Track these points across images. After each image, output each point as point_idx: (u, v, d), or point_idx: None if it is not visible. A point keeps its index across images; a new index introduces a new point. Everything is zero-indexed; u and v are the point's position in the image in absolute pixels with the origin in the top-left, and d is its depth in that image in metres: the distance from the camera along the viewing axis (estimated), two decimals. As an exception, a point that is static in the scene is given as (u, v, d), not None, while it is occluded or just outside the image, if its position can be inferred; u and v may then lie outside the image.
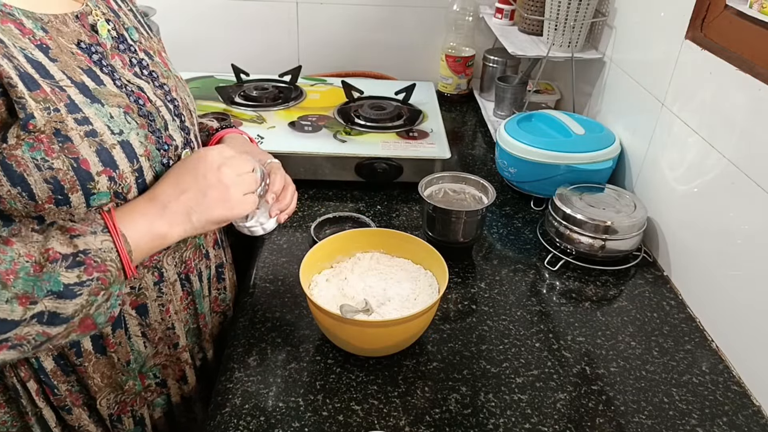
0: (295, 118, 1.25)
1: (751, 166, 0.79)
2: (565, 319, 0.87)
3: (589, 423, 0.71)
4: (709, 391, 0.77)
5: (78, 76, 0.61)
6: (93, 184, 0.60)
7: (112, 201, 0.63)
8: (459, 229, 0.96)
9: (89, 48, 0.65)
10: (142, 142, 0.65)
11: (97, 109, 0.61)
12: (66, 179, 0.58)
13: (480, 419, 0.70)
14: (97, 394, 0.72)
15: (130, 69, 0.69)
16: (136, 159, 0.64)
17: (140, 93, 0.68)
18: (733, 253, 0.82)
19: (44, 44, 0.60)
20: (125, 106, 0.64)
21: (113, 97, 0.64)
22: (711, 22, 0.92)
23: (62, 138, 0.58)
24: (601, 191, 1.06)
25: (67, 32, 0.63)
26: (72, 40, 0.63)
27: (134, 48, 0.71)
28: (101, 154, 0.60)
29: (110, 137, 0.61)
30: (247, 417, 0.70)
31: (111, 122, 0.62)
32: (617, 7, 1.23)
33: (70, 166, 0.58)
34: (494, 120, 1.44)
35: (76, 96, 0.60)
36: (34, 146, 0.56)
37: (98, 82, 0.63)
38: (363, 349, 0.77)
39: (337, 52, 1.63)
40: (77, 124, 0.59)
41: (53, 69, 0.59)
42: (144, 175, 0.66)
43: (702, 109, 0.91)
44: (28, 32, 0.59)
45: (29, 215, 0.60)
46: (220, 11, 1.55)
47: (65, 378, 0.70)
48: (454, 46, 1.57)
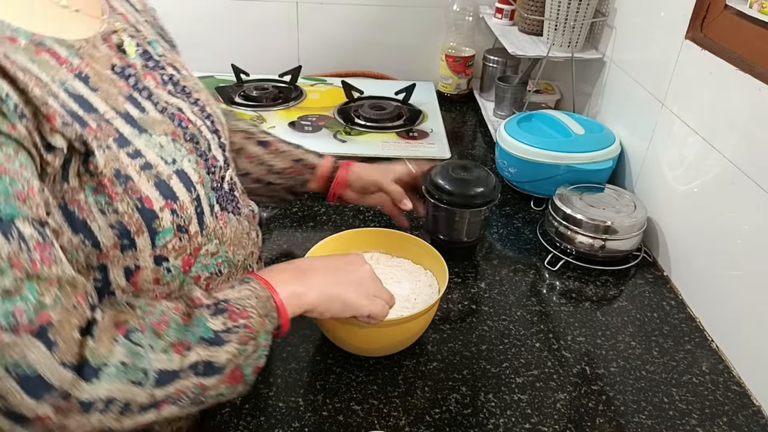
0: (295, 118, 1.25)
1: (751, 166, 0.79)
2: (565, 319, 0.87)
3: (589, 423, 0.71)
4: (709, 391, 0.77)
5: (121, 105, 0.58)
6: (158, 222, 0.57)
7: (176, 236, 0.60)
8: (463, 228, 0.96)
9: (123, 71, 0.61)
10: (195, 169, 0.62)
11: (146, 140, 0.58)
12: (132, 222, 0.56)
13: (480, 419, 0.70)
14: None
15: (164, 87, 0.66)
16: (192, 187, 0.61)
17: (180, 115, 0.65)
18: (733, 253, 0.82)
19: (83, 73, 0.56)
20: (171, 133, 0.62)
21: (159, 125, 0.61)
22: (711, 22, 0.92)
23: (123, 178, 0.55)
24: (601, 191, 1.06)
25: (99, 57, 0.59)
26: (106, 65, 0.59)
27: (162, 63, 0.68)
28: (160, 187, 0.58)
29: (165, 168, 0.59)
30: (247, 417, 0.70)
31: (162, 152, 0.59)
32: (617, 7, 1.23)
33: (134, 208, 0.55)
34: (494, 120, 1.44)
35: (123, 128, 0.57)
36: (98, 189, 0.53)
37: (141, 109, 0.60)
38: (363, 349, 0.77)
39: (337, 52, 1.63)
40: (131, 159, 0.56)
41: (96, 101, 0.56)
42: (201, 204, 0.63)
43: (702, 109, 0.91)
44: (65, 61, 0.55)
45: (90, 266, 0.56)
46: (220, 11, 1.55)
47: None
48: (454, 46, 1.57)
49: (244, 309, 0.57)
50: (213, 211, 0.66)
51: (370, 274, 0.69)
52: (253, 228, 0.78)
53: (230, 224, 0.70)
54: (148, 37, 0.69)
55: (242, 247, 0.72)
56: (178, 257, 0.62)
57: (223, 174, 0.70)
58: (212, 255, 0.66)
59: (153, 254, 0.59)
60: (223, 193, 0.70)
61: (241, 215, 0.74)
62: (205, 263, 0.65)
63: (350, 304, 0.65)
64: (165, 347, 0.51)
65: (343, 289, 0.65)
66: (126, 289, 0.59)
